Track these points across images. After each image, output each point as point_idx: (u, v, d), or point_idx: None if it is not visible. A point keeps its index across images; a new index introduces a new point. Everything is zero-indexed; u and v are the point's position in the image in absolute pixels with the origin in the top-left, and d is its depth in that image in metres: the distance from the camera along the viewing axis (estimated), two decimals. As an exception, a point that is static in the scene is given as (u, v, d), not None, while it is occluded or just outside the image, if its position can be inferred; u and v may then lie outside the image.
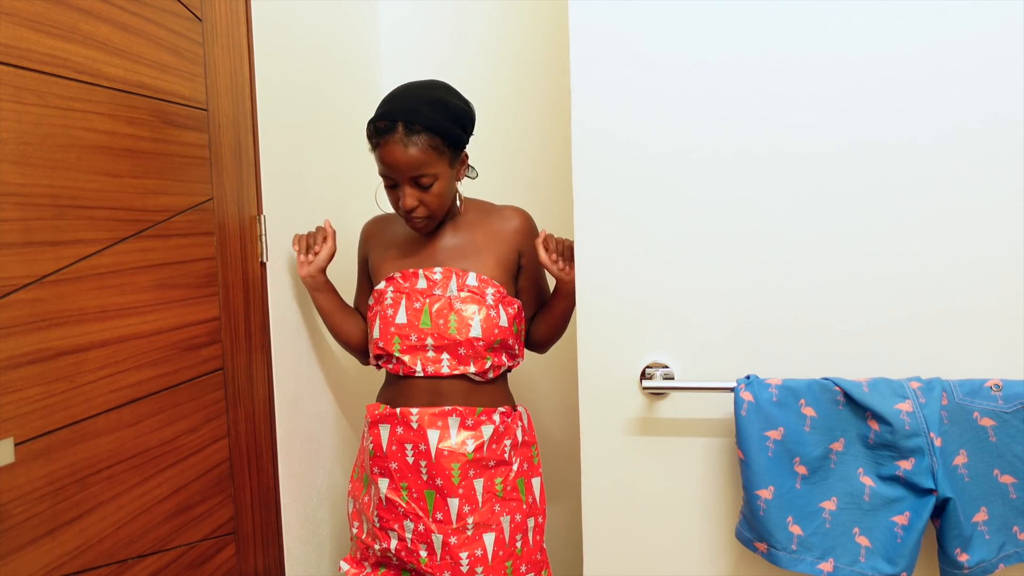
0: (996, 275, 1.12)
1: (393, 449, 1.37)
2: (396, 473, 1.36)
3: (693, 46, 1.17)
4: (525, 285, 1.48)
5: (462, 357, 1.36)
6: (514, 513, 1.37)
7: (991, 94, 1.10)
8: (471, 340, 1.35)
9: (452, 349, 1.36)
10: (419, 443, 1.35)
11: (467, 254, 1.43)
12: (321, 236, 1.47)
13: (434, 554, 1.33)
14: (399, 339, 1.38)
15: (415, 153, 1.29)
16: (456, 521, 1.33)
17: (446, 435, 1.35)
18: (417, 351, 1.37)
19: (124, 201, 1.07)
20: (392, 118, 1.31)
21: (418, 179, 1.32)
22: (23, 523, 0.92)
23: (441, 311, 1.36)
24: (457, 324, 1.35)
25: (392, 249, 1.47)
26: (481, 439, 1.35)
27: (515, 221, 1.46)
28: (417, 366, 1.37)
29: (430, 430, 1.35)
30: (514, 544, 1.36)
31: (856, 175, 1.15)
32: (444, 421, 1.35)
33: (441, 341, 1.36)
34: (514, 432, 1.41)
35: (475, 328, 1.35)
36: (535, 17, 1.95)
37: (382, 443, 1.38)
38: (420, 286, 1.39)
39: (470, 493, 1.34)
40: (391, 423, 1.38)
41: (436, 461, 1.33)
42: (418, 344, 1.37)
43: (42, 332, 0.94)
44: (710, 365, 1.22)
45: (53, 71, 0.96)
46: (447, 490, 1.33)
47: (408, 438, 1.36)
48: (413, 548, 1.35)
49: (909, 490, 1.09)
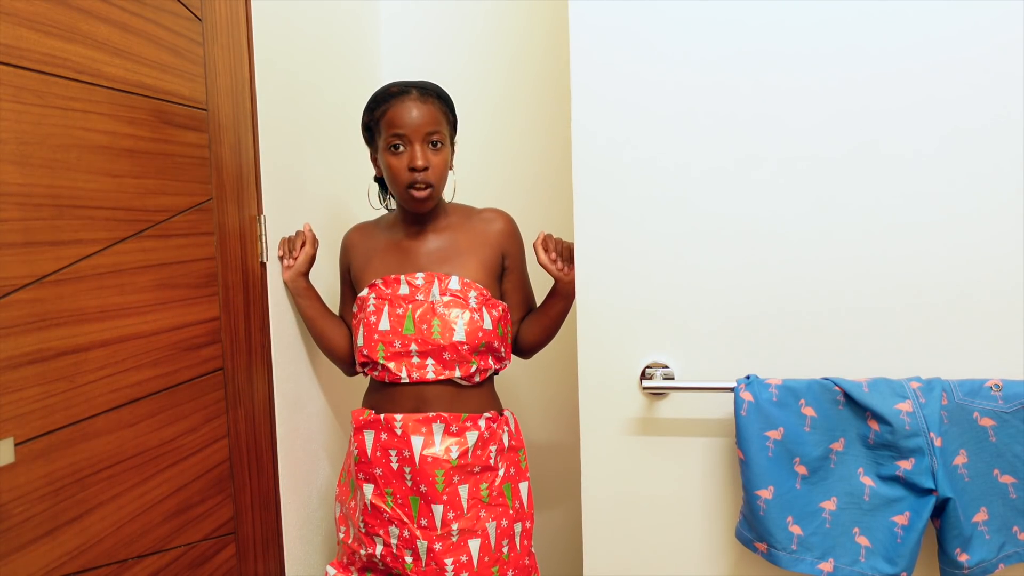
0: (996, 275, 1.12)
1: (378, 455, 1.36)
2: (381, 479, 1.36)
3: (693, 47, 1.18)
4: (510, 288, 1.47)
5: (447, 362, 1.35)
6: (500, 519, 1.36)
7: (991, 96, 1.10)
8: (455, 344, 1.34)
9: (436, 354, 1.35)
10: (403, 449, 1.34)
11: (449, 258, 1.41)
12: (300, 240, 1.45)
13: (419, 560, 1.32)
14: (383, 346, 1.37)
15: (431, 109, 1.35)
16: (441, 527, 1.32)
17: (430, 441, 1.34)
18: (402, 357, 1.36)
19: (124, 201, 1.07)
20: (404, 86, 1.37)
21: (431, 136, 1.35)
22: (23, 523, 0.92)
23: (424, 316, 1.35)
24: (440, 329, 1.34)
25: (374, 257, 1.46)
26: (465, 445, 1.34)
27: (498, 223, 1.45)
28: (402, 372, 1.36)
29: (414, 436, 1.34)
30: (500, 550, 1.35)
31: (857, 176, 1.15)
32: (428, 427, 1.34)
33: (425, 347, 1.35)
34: (500, 437, 1.40)
35: (459, 332, 1.34)
36: (535, 17, 1.95)
37: (367, 449, 1.38)
38: (402, 292, 1.38)
39: (455, 499, 1.33)
40: (375, 429, 1.37)
41: (420, 467, 1.32)
42: (402, 350, 1.36)
43: (42, 332, 0.94)
44: (710, 365, 1.22)
45: (53, 71, 0.96)
46: (431, 496, 1.32)
47: (392, 444, 1.35)
48: (398, 554, 1.34)
49: (909, 490, 1.09)
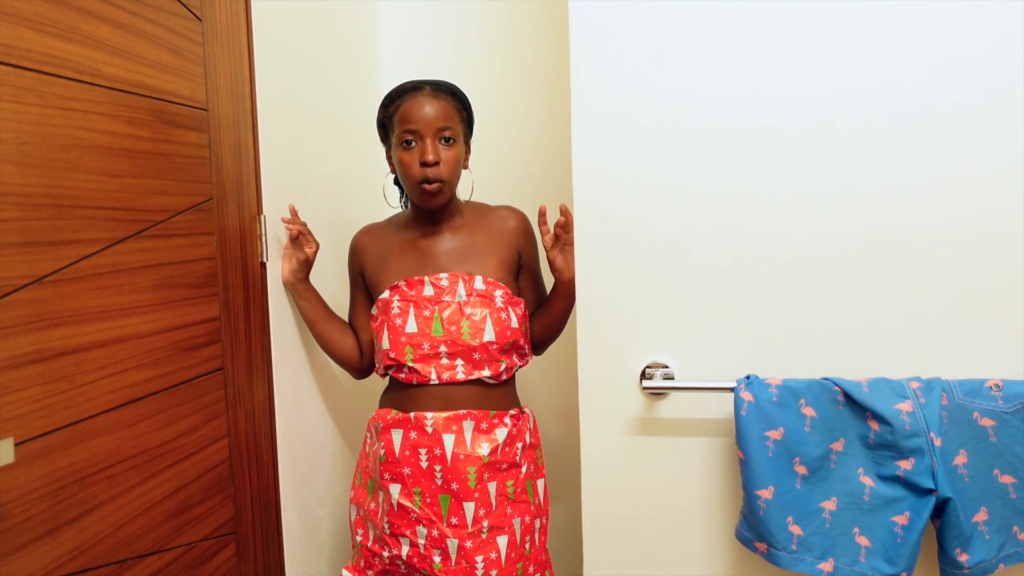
0: (996, 275, 1.12)
1: (406, 454, 1.35)
2: (409, 478, 1.35)
3: (693, 47, 1.17)
4: (525, 285, 1.48)
5: (476, 362, 1.36)
6: (523, 515, 1.36)
7: (991, 96, 1.10)
8: (485, 345, 1.34)
9: (466, 355, 1.35)
10: (434, 448, 1.34)
11: (469, 257, 1.42)
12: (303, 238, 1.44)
13: (448, 559, 1.32)
14: (411, 348, 1.36)
15: (443, 105, 1.36)
16: (472, 525, 1.32)
17: (461, 439, 1.34)
18: (431, 359, 1.36)
19: (124, 201, 1.07)
20: (419, 83, 1.38)
21: (443, 131, 1.35)
22: (23, 523, 0.92)
23: (452, 317, 1.35)
24: (470, 330, 1.34)
25: (390, 258, 1.45)
26: (496, 442, 1.35)
27: (513, 220, 1.46)
28: (432, 374, 1.36)
29: (445, 434, 1.34)
30: (524, 545, 1.36)
31: (857, 176, 1.15)
32: (459, 425, 1.34)
33: (455, 348, 1.35)
34: (524, 434, 1.41)
35: (488, 332, 1.34)
36: (534, 17, 1.95)
37: (395, 448, 1.37)
38: (427, 293, 1.38)
39: (485, 497, 1.33)
40: (404, 428, 1.37)
41: (452, 465, 1.32)
42: (431, 352, 1.36)
43: (42, 332, 0.94)
44: (710, 365, 1.21)
45: (53, 71, 0.96)
46: (463, 494, 1.32)
47: (423, 443, 1.35)
48: (426, 554, 1.33)
49: (909, 490, 1.09)
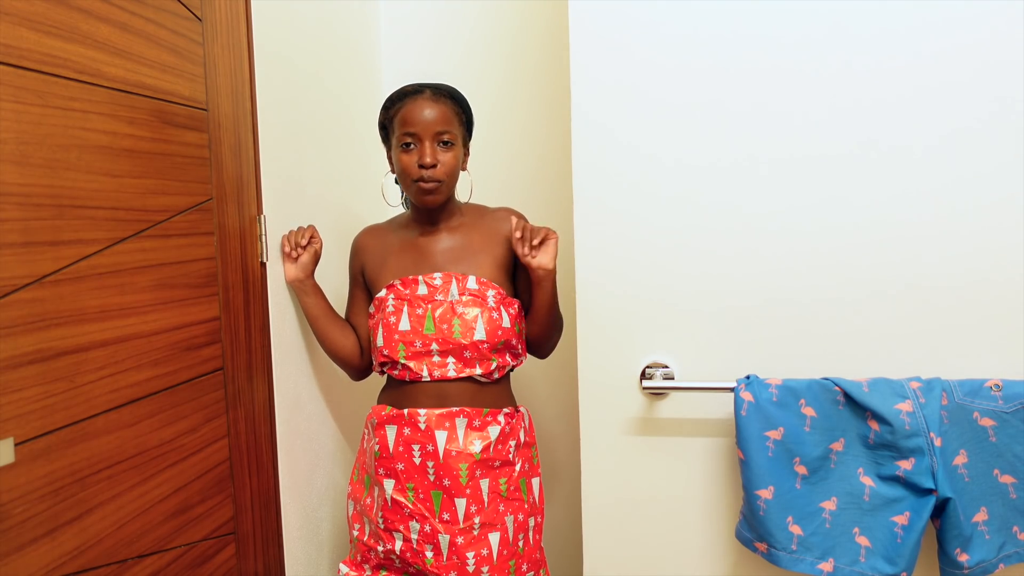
0: (996, 275, 1.12)
1: (400, 450, 1.37)
2: (402, 474, 1.37)
3: (693, 49, 1.17)
4: (524, 286, 1.48)
5: (467, 360, 1.37)
6: (517, 513, 1.37)
7: (991, 96, 1.10)
8: (476, 343, 1.36)
9: (457, 353, 1.37)
10: (427, 444, 1.35)
11: (464, 257, 1.43)
12: (305, 235, 1.44)
13: (440, 554, 1.33)
14: (404, 346, 1.39)
15: (442, 108, 1.38)
16: (463, 521, 1.33)
17: (454, 436, 1.35)
18: (422, 357, 1.38)
19: (124, 201, 1.07)
20: (419, 86, 1.41)
21: (442, 135, 1.37)
22: (23, 523, 0.92)
23: (444, 316, 1.37)
24: (461, 328, 1.36)
25: (389, 257, 1.47)
26: (488, 440, 1.36)
27: (509, 222, 1.45)
28: (424, 371, 1.38)
29: (438, 431, 1.35)
30: (517, 543, 1.37)
31: (857, 176, 1.15)
32: (452, 422, 1.36)
33: (446, 346, 1.36)
34: (518, 433, 1.42)
35: (479, 331, 1.36)
36: (535, 19, 1.95)
37: (388, 444, 1.39)
38: (421, 292, 1.40)
39: (477, 493, 1.34)
40: (398, 424, 1.38)
41: (444, 462, 1.34)
42: (423, 350, 1.38)
43: (42, 332, 0.94)
44: (710, 365, 1.22)
45: (53, 71, 0.96)
46: (455, 490, 1.33)
47: (415, 439, 1.36)
48: (419, 549, 1.35)
49: (909, 490, 1.09)
